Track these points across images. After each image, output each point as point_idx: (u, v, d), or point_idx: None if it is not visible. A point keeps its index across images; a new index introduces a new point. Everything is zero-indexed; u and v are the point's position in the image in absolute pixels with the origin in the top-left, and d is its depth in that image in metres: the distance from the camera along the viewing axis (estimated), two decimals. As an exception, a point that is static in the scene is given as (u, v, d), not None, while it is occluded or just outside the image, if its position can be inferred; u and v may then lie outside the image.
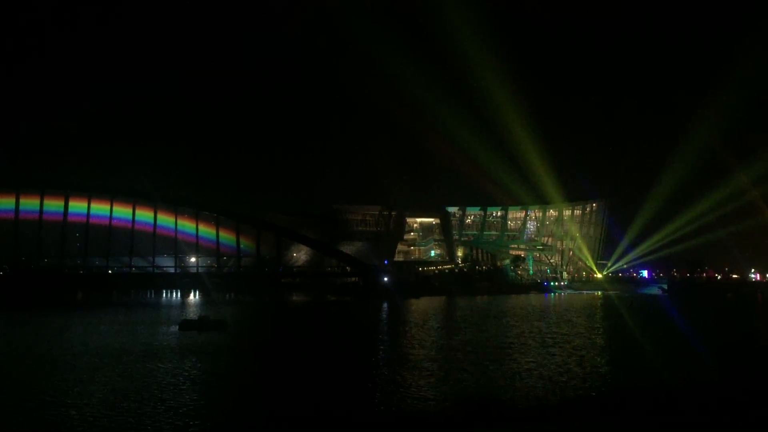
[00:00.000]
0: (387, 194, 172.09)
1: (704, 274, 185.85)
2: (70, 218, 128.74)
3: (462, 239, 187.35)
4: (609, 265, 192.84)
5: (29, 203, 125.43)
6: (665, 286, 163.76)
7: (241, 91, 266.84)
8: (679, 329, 63.33)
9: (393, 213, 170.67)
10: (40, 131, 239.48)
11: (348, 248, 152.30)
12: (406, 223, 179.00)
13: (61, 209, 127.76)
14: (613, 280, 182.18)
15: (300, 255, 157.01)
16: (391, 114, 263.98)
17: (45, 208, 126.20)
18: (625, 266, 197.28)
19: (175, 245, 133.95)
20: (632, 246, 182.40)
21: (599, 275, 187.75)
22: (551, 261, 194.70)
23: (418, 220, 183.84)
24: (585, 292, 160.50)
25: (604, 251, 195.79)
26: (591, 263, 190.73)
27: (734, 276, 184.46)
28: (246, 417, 26.02)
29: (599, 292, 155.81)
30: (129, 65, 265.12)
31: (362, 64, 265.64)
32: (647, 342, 51.22)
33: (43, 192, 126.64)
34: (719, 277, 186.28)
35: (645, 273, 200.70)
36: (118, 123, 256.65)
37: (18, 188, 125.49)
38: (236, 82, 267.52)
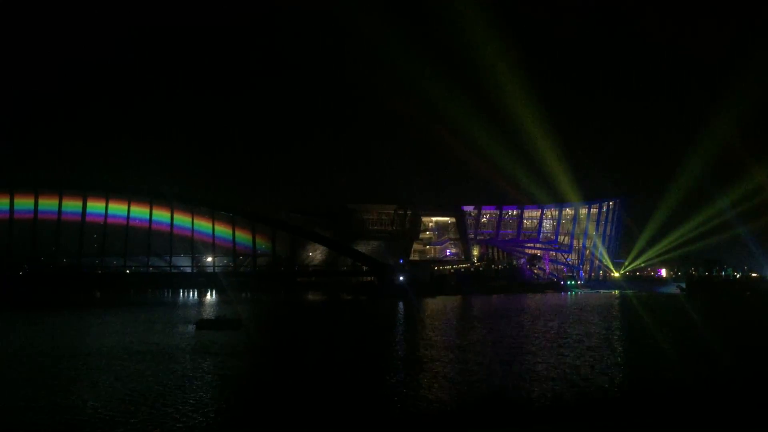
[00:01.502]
0: (402, 193, 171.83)
1: (722, 273, 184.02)
2: (88, 218, 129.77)
3: (478, 238, 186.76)
4: (626, 264, 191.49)
5: (48, 203, 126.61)
6: (683, 285, 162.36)
7: (256, 91, 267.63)
8: (695, 328, 62.75)
9: (408, 212, 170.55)
10: (58, 131, 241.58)
11: (363, 247, 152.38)
12: (422, 222, 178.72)
13: (80, 209, 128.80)
14: (630, 278, 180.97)
15: (315, 254, 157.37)
16: (406, 113, 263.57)
17: (63, 208, 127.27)
18: (642, 265, 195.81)
19: (192, 245, 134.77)
20: (650, 244, 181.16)
21: (616, 274, 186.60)
22: (568, 260, 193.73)
23: (434, 219, 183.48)
24: (602, 291, 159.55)
25: (620, 250, 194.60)
26: (608, 262, 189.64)
27: (753, 274, 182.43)
28: (256, 417, 26.11)
29: (616, 291, 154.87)
30: (146, 65, 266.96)
31: (377, 63, 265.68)
32: (662, 342, 50.79)
33: (61, 192, 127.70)
34: (738, 276, 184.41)
35: (663, 272, 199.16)
36: (135, 123, 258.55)
37: (37, 188, 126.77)
38: (252, 82, 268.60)
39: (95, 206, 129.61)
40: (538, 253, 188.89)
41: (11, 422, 25.15)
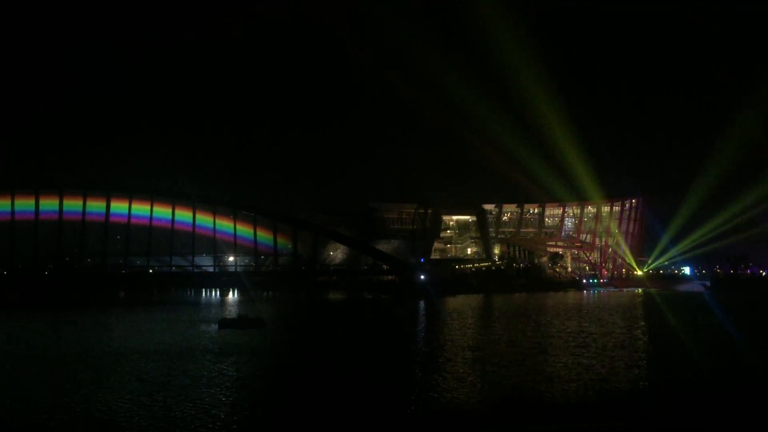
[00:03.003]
0: (423, 192, 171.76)
1: (748, 270, 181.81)
2: (111, 218, 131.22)
3: (499, 236, 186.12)
4: (649, 262, 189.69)
5: (72, 204, 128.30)
6: (708, 283, 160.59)
7: (276, 89, 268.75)
8: (720, 327, 61.89)
9: (429, 210, 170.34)
10: (81, 132, 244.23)
11: (384, 246, 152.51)
12: (443, 220, 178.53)
13: (103, 209, 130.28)
14: (654, 277, 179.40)
15: (336, 253, 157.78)
16: (426, 111, 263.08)
17: (87, 208, 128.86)
18: (666, 263, 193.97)
19: (214, 244, 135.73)
20: (673, 242, 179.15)
21: (639, 272, 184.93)
22: (590, 258, 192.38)
23: (455, 217, 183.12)
24: (625, 289, 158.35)
25: (644, 248, 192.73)
26: (631, 260, 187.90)
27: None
28: (269, 419, 26.28)
29: (640, 290, 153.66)
30: (167, 65, 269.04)
31: (398, 62, 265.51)
32: (685, 342, 50.21)
33: (85, 193, 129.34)
34: (764, 273, 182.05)
35: (687, 270, 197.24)
36: (158, 124, 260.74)
37: (61, 189, 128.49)
38: (271, 81, 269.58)
39: (119, 207, 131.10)
40: (560, 251, 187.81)
41: (26, 423, 25.47)
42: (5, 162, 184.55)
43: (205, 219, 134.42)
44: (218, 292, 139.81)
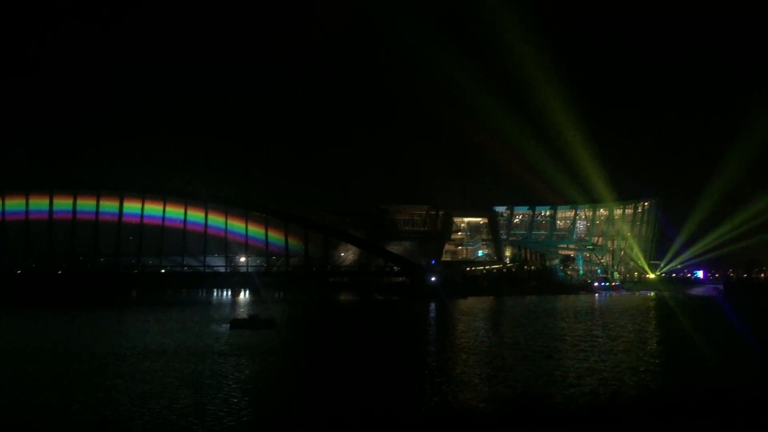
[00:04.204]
0: (434, 194, 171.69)
1: (762, 274, 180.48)
2: (124, 218, 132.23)
3: (510, 239, 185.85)
4: (662, 265, 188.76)
5: (86, 204, 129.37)
6: (721, 287, 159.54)
7: (287, 91, 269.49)
8: (732, 332, 61.51)
9: (440, 212, 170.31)
10: (95, 133, 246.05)
11: (395, 248, 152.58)
12: (454, 222, 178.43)
13: (116, 209, 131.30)
14: (666, 280, 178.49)
15: (347, 254, 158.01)
16: (437, 113, 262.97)
17: (101, 208, 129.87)
18: (678, 266, 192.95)
19: (226, 245, 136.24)
20: (686, 245, 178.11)
21: (652, 276, 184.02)
22: (602, 261, 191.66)
23: (466, 219, 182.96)
24: (638, 293, 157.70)
25: (656, 251, 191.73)
26: (643, 263, 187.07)
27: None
28: (275, 420, 26.44)
29: (652, 293, 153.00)
30: (179, 66, 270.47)
31: (408, 63, 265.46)
32: (695, 346, 49.94)
33: (98, 193, 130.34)
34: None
35: (700, 273, 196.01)
36: (170, 124, 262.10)
37: (75, 189, 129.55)
38: (283, 82, 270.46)
39: (132, 207, 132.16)
40: (572, 254, 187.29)
41: (26, 422, 25.67)
42: (20, 162, 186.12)
43: (217, 219, 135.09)
44: (230, 293, 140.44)
